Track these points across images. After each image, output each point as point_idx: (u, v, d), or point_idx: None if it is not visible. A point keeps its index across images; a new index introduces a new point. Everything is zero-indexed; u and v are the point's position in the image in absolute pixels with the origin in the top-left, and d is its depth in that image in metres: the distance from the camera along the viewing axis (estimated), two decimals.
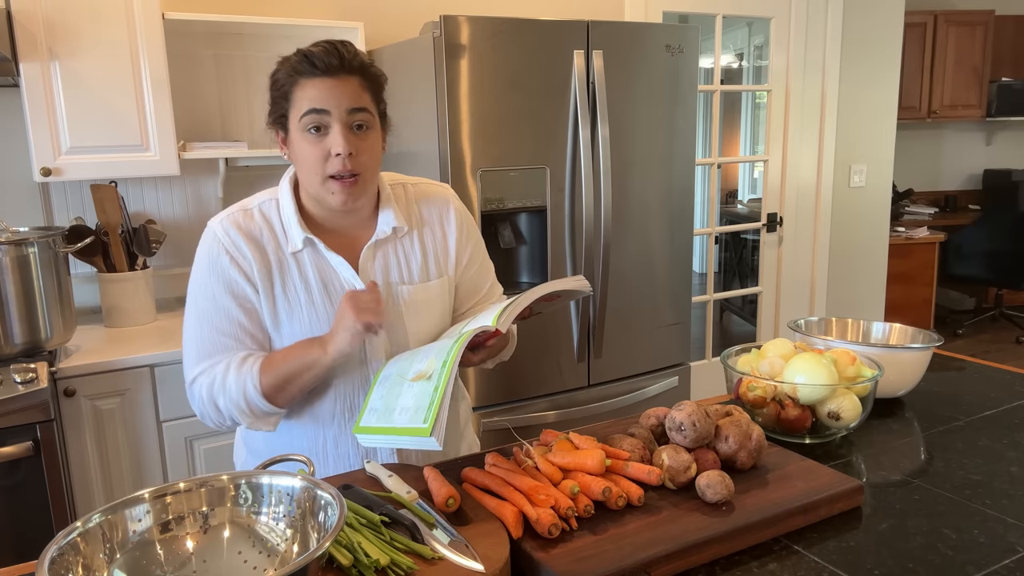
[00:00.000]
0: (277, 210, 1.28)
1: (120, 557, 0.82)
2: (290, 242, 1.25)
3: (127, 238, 2.35)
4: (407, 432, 1.04)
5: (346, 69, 1.19)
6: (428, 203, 1.37)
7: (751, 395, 1.30)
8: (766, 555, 0.97)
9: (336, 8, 2.73)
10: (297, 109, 1.19)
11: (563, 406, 2.45)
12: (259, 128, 2.66)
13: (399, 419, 1.07)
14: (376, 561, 0.85)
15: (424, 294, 1.32)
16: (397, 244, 1.32)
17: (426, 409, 1.04)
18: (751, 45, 5.35)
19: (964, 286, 6.02)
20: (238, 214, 1.26)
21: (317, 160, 1.19)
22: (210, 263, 1.24)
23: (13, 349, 1.94)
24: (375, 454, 1.31)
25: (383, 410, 1.13)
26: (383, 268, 1.30)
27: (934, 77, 5.31)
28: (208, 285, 1.24)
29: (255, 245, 1.24)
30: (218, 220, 1.26)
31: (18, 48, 2.04)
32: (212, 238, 1.25)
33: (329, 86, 1.17)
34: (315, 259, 1.26)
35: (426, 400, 1.05)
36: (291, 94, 1.20)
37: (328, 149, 1.18)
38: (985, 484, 1.14)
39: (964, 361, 1.74)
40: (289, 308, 1.24)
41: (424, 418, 1.02)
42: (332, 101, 1.17)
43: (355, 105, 1.18)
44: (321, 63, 1.17)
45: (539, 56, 2.24)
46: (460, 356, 1.09)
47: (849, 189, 3.91)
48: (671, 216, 2.58)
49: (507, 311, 1.16)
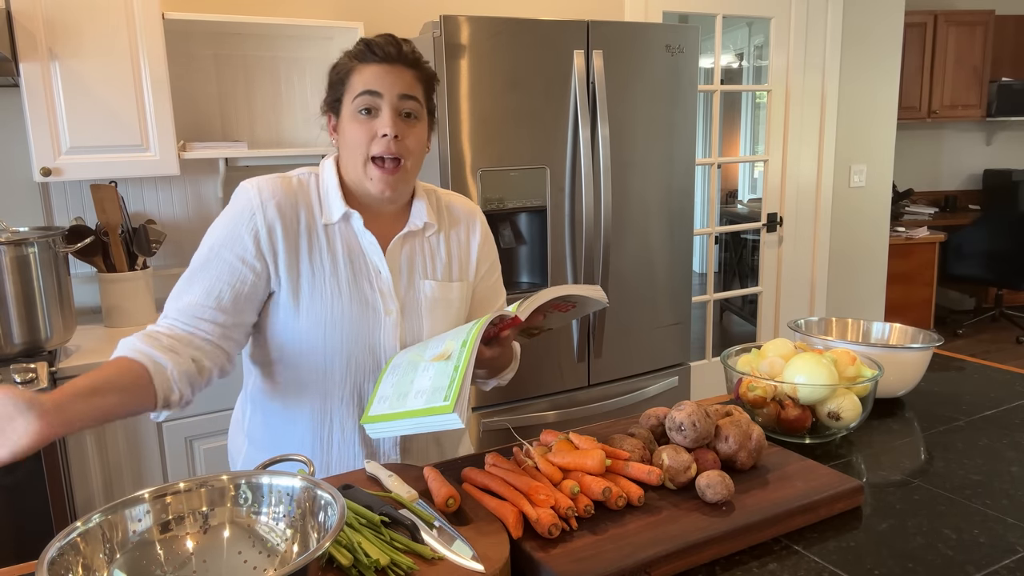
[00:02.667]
0: (316, 183, 1.29)
1: (120, 557, 0.82)
2: (325, 213, 1.26)
3: (127, 238, 2.35)
4: (425, 412, 1.02)
5: (403, 60, 1.23)
6: (457, 210, 1.40)
7: (751, 395, 1.30)
8: (766, 555, 0.97)
9: (336, 8, 2.73)
10: (351, 91, 1.23)
11: (563, 406, 2.45)
12: (259, 128, 2.66)
13: (414, 402, 1.06)
14: (376, 561, 0.85)
15: (445, 293, 1.34)
16: (425, 240, 1.34)
17: (446, 388, 1.02)
18: (751, 45, 5.35)
19: (964, 286, 6.02)
20: (275, 180, 1.26)
21: (363, 140, 1.21)
22: (231, 218, 1.22)
23: (13, 349, 1.94)
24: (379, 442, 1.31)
25: (395, 396, 1.11)
26: (408, 259, 1.32)
27: (934, 77, 5.31)
28: (216, 236, 1.22)
29: (286, 213, 1.23)
30: (254, 182, 1.25)
31: (18, 48, 2.04)
32: (244, 197, 1.23)
33: (384, 71, 1.22)
34: (346, 235, 1.27)
35: (445, 380, 1.04)
36: (348, 79, 1.24)
37: (375, 130, 1.21)
38: (985, 484, 1.14)
39: (964, 361, 1.74)
40: (312, 278, 1.24)
41: (445, 396, 1.01)
42: (385, 85, 1.21)
43: (407, 92, 1.23)
44: (380, 51, 1.22)
45: (539, 56, 2.24)
46: (480, 336, 1.08)
47: (849, 189, 3.91)
48: (671, 216, 2.58)
49: (528, 302, 1.15)
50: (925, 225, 5.27)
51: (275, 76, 2.65)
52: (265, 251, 1.22)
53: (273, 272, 1.23)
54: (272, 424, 1.33)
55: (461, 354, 1.06)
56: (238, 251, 1.21)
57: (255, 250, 1.21)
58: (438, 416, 1.00)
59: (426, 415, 1.02)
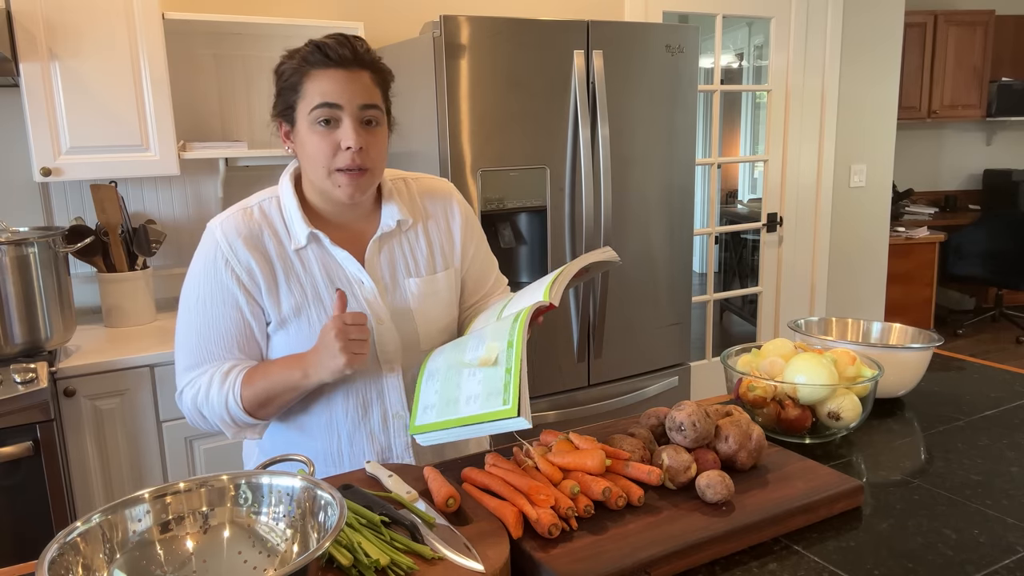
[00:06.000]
0: (278, 207, 1.26)
1: (120, 557, 0.82)
2: (293, 239, 1.24)
3: (127, 238, 2.35)
4: (484, 419, 1.03)
5: (358, 62, 1.18)
6: (431, 197, 1.37)
7: (751, 395, 1.30)
8: (766, 555, 0.97)
9: (336, 8, 2.73)
10: (307, 101, 1.17)
11: (563, 406, 2.45)
12: (259, 128, 2.66)
13: (468, 408, 1.06)
14: (376, 561, 0.85)
15: (432, 287, 1.32)
16: (402, 238, 1.32)
17: (502, 391, 1.03)
18: (751, 45, 5.35)
19: (964, 286, 6.02)
20: (238, 215, 1.24)
21: (325, 153, 1.18)
22: (205, 269, 1.22)
23: (13, 349, 1.94)
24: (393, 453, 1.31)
25: (443, 404, 1.11)
26: (389, 262, 1.30)
27: (934, 77, 5.31)
28: (201, 291, 1.22)
29: (256, 247, 1.22)
30: (217, 223, 1.23)
31: (18, 48, 2.04)
32: (211, 242, 1.22)
33: (342, 79, 1.16)
34: (320, 255, 1.25)
35: (498, 383, 1.04)
36: (301, 85, 1.18)
37: (338, 142, 1.17)
38: (985, 484, 1.14)
39: (964, 361, 1.74)
40: (295, 306, 1.23)
41: (503, 400, 1.02)
42: (345, 96, 1.16)
43: (367, 101, 1.18)
44: (335, 54, 1.16)
45: (539, 56, 2.24)
46: (527, 334, 1.09)
47: (849, 189, 3.91)
48: (671, 216, 2.58)
49: (555, 284, 1.15)
50: (925, 225, 5.27)
51: None
52: (251, 289, 1.22)
53: (262, 304, 1.23)
54: (283, 437, 1.33)
55: (510, 356, 1.06)
56: (228, 299, 1.22)
57: (243, 292, 1.22)
58: (501, 421, 1.01)
59: (486, 420, 1.03)
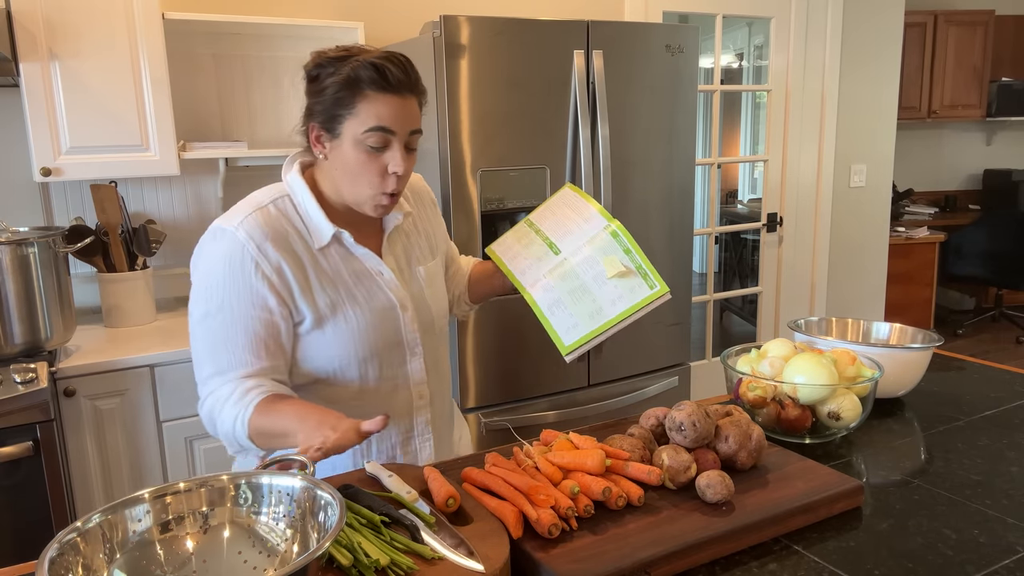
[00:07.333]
0: (293, 206, 1.25)
1: (120, 557, 0.82)
2: (315, 238, 1.24)
3: (127, 238, 2.35)
4: (635, 308, 1.29)
5: (411, 89, 1.19)
6: (412, 189, 1.44)
7: (751, 395, 1.30)
8: (766, 555, 0.97)
9: (336, 8, 2.73)
10: (360, 121, 1.16)
11: (563, 406, 2.45)
12: (259, 128, 2.66)
13: (614, 309, 1.30)
14: (376, 561, 0.85)
15: (435, 271, 1.41)
16: (409, 229, 1.38)
17: (643, 281, 1.29)
18: (751, 45, 5.35)
19: (964, 286, 6.02)
20: (257, 215, 1.20)
21: (373, 175, 1.19)
22: (229, 271, 1.17)
23: (13, 349, 1.94)
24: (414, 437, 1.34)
25: (588, 315, 1.31)
26: (404, 253, 1.36)
27: (934, 77, 5.31)
28: (226, 295, 1.17)
29: (284, 247, 1.20)
30: (237, 223, 1.19)
31: (18, 48, 2.04)
32: (234, 244, 1.17)
33: (397, 105, 1.17)
34: (341, 253, 1.27)
35: (634, 280, 1.29)
36: (354, 103, 1.16)
37: (385, 165, 1.19)
38: (985, 484, 1.14)
39: (964, 361, 1.74)
40: (331, 304, 1.23)
41: (649, 285, 1.29)
42: (400, 122, 1.18)
43: (415, 127, 1.21)
44: (394, 79, 1.15)
45: (539, 56, 2.24)
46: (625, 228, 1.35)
47: (849, 189, 3.91)
48: (671, 216, 2.58)
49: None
50: (925, 225, 5.27)
51: (275, 76, 2.65)
52: (281, 290, 1.19)
53: (293, 307, 1.21)
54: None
55: (632, 257, 1.31)
56: (257, 301, 1.18)
57: (273, 294, 1.18)
58: (654, 302, 1.28)
59: (637, 309, 1.29)
